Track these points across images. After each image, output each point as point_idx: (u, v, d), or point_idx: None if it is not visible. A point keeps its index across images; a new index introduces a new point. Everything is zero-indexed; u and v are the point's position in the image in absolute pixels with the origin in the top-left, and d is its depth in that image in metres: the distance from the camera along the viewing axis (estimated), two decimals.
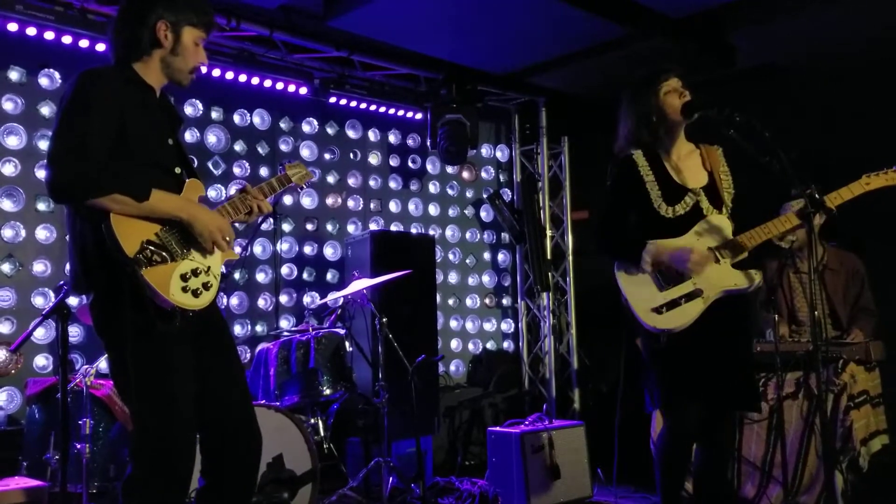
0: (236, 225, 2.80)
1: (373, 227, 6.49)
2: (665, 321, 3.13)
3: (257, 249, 5.85)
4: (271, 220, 5.53)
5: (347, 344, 4.75)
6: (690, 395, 3.17)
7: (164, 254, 2.43)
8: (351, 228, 6.46)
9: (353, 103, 6.44)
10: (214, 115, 5.79)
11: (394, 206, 6.76)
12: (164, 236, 2.47)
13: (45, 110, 5.08)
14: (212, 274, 2.56)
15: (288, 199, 6.02)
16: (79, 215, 2.46)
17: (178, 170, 2.64)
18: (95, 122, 2.40)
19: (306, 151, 6.26)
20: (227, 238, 2.59)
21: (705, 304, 3.15)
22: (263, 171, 5.97)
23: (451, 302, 6.99)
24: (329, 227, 6.35)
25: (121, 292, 2.37)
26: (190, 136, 5.64)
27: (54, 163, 2.36)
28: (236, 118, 5.90)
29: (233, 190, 4.20)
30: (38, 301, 4.93)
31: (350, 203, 6.51)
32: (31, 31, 4.82)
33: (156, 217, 2.46)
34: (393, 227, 6.65)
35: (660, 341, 3.14)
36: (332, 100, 6.22)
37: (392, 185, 6.78)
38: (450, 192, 7.16)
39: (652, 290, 3.19)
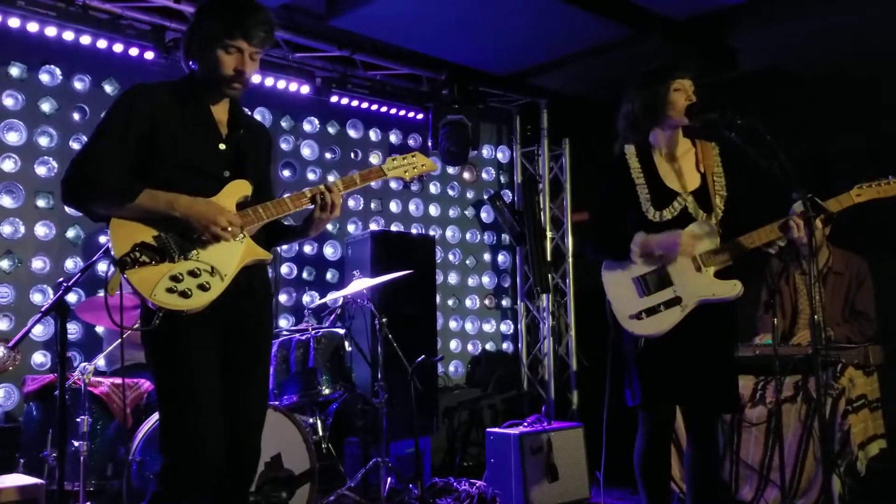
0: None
1: (373, 226, 6.49)
2: (643, 327, 3.19)
3: None
4: None
5: (347, 344, 4.75)
6: (665, 397, 3.20)
7: (157, 256, 2.47)
8: (351, 228, 6.45)
9: (355, 103, 6.44)
10: None
11: (394, 206, 6.76)
12: (164, 238, 2.50)
13: (46, 106, 5.08)
14: (217, 274, 2.54)
15: None
16: None
17: (226, 173, 2.68)
18: (113, 136, 2.53)
19: (307, 150, 6.26)
20: (229, 227, 2.55)
21: (683, 314, 3.17)
22: None
23: (450, 303, 6.99)
24: (329, 227, 6.34)
25: None
26: None
27: (66, 171, 2.53)
28: None
29: None
30: (36, 298, 4.93)
31: (350, 202, 6.50)
32: (33, 26, 4.82)
33: (152, 217, 2.50)
34: (393, 227, 6.65)
35: (638, 345, 3.19)
36: (334, 99, 6.22)
37: (393, 184, 6.77)
38: (450, 192, 7.15)
39: (633, 295, 3.24)
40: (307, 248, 6.18)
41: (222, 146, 2.72)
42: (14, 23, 4.75)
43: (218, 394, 2.57)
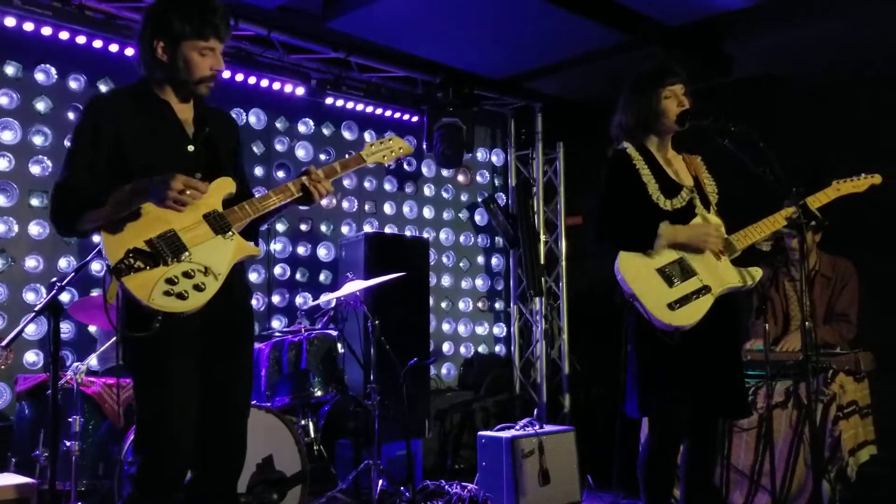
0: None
1: (367, 228, 6.49)
2: (680, 317, 3.11)
3: None
4: None
5: (339, 345, 4.75)
6: (683, 401, 3.16)
7: (151, 261, 2.47)
8: (345, 230, 6.45)
9: (350, 105, 6.44)
10: None
11: (388, 208, 6.76)
12: (157, 242, 2.49)
13: (41, 105, 5.07)
14: (210, 273, 2.54)
15: None
16: None
17: (198, 175, 2.63)
18: (83, 155, 2.58)
19: (301, 152, 6.26)
20: (188, 192, 2.47)
21: (713, 299, 3.16)
22: (258, 171, 5.97)
23: (443, 305, 6.99)
24: (323, 228, 6.35)
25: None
26: None
27: (50, 204, 2.62)
28: None
29: None
30: (29, 297, 4.92)
31: (344, 204, 6.51)
32: (29, 26, 4.81)
33: (126, 208, 2.48)
34: (387, 230, 6.65)
35: (673, 339, 3.10)
36: (329, 101, 6.22)
37: (387, 186, 6.78)
38: (445, 195, 7.16)
39: (662, 286, 3.15)
40: (301, 250, 6.18)
41: (190, 148, 2.70)
42: (10, 22, 4.73)
43: (194, 398, 2.59)
